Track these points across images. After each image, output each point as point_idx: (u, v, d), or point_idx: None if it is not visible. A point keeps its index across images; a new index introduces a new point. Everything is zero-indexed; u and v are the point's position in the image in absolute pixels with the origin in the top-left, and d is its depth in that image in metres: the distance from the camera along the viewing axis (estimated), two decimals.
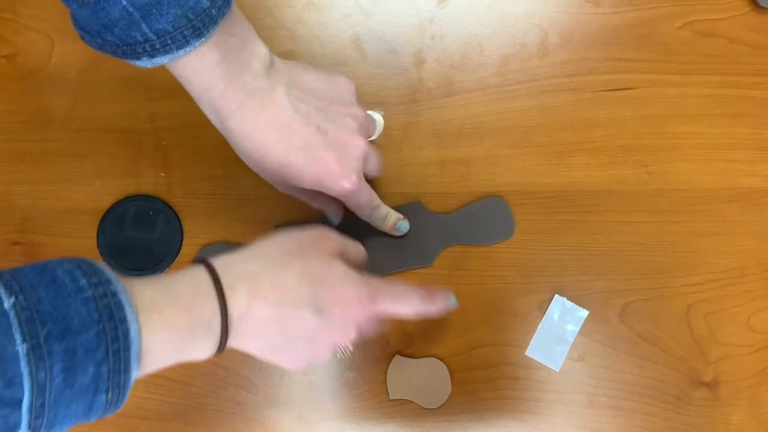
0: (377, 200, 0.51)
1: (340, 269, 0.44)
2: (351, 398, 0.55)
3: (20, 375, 0.31)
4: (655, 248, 0.56)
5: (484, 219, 0.56)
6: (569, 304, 0.55)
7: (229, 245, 0.55)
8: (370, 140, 0.52)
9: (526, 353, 0.55)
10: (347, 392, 0.55)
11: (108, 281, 0.35)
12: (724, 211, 0.57)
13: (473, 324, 0.56)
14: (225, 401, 0.56)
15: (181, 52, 0.39)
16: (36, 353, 0.31)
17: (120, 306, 0.34)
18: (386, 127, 0.57)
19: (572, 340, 0.55)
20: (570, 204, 0.57)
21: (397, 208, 0.55)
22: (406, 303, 0.46)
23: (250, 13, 0.58)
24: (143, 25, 0.38)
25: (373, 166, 0.50)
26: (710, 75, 0.58)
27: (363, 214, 0.51)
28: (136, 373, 0.36)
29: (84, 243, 0.56)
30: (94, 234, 0.56)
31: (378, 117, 0.57)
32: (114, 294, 0.34)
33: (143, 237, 0.56)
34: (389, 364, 0.55)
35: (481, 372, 0.55)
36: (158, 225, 0.56)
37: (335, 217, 0.54)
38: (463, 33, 0.59)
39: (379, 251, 0.55)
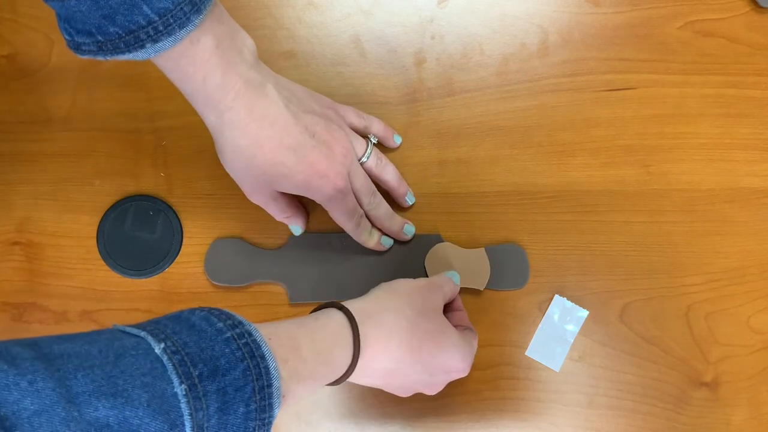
0: (361, 210, 0.52)
1: (454, 337, 0.48)
2: (351, 398, 0.55)
3: (182, 416, 0.31)
4: (655, 248, 0.56)
5: (499, 264, 0.55)
6: (569, 304, 0.55)
7: (239, 241, 0.55)
8: (362, 162, 0.51)
9: (526, 353, 0.55)
10: (347, 392, 0.55)
11: (241, 323, 0.36)
12: (724, 211, 0.57)
13: (473, 324, 0.56)
14: None
15: (183, 31, 0.39)
16: (193, 394, 0.31)
17: (257, 344, 0.35)
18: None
19: (572, 341, 0.55)
20: (570, 204, 0.57)
21: (416, 238, 0.55)
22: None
23: (250, 13, 0.58)
24: (144, 7, 0.37)
25: (390, 176, 0.54)
26: (710, 75, 0.58)
27: (348, 224, 0.51)
28: (278, 411, 0.36)
29: (84, 243, 0.56)
30: (94, 234, 0.56)
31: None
32: (249, 333, 0.35)
33: (143, 237, 0.56)
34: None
35: (482, 372, 0.55)
36: (158, 225, 0.56)
37: (298, 229, 0.54)
38: (463, 33, 0.59)
39: (387, 274, 0.55)
